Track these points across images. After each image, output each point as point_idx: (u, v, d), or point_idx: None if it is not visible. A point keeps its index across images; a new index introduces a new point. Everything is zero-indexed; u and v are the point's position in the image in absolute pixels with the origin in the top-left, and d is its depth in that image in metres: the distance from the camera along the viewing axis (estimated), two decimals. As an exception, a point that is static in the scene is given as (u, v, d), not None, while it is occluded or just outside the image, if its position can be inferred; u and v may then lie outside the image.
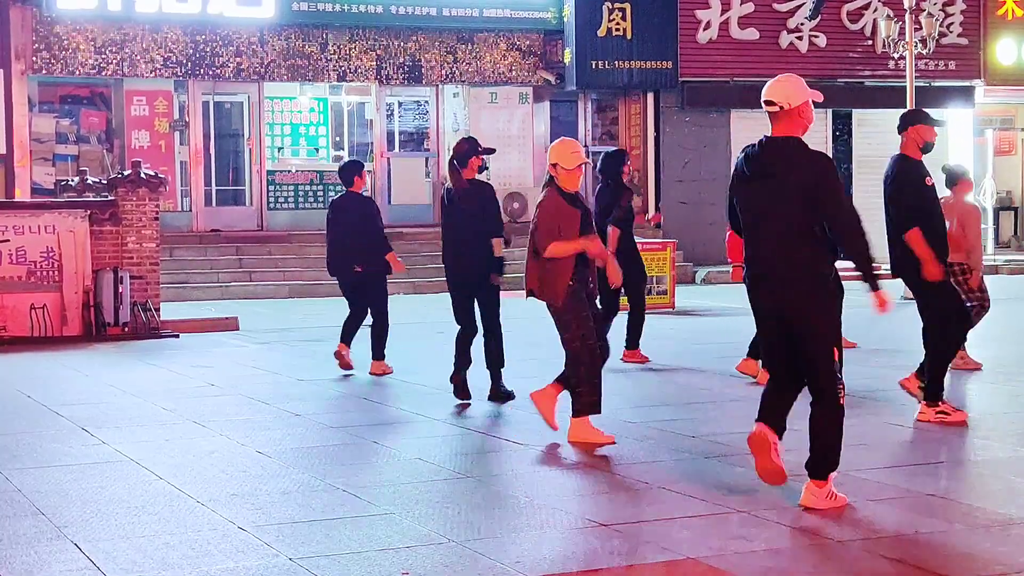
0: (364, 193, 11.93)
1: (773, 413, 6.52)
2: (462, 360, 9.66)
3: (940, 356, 8.56)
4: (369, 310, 11.52)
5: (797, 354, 6.36)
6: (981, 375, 10.67)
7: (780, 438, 6.52)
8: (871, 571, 5.28)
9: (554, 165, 8.01)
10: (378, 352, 11.34)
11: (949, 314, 8.57)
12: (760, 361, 10.38)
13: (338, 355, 11.45)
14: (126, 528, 6.03)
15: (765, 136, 6.35)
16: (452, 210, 9.57)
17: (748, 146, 6.43)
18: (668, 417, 8.87)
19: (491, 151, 9.90)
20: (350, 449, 8.04)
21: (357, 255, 11.29)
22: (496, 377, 9.59)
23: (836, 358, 6.21)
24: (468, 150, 9.56)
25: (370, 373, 11.26)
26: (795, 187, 6.14)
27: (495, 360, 9.58)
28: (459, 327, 9.71)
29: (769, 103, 6.27)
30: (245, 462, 7.58)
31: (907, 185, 8.54)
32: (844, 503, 6.32)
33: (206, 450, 7.95)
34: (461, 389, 9.62)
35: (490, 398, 9.56)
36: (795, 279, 6.22)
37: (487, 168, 11.31)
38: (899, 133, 8.74)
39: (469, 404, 9.50)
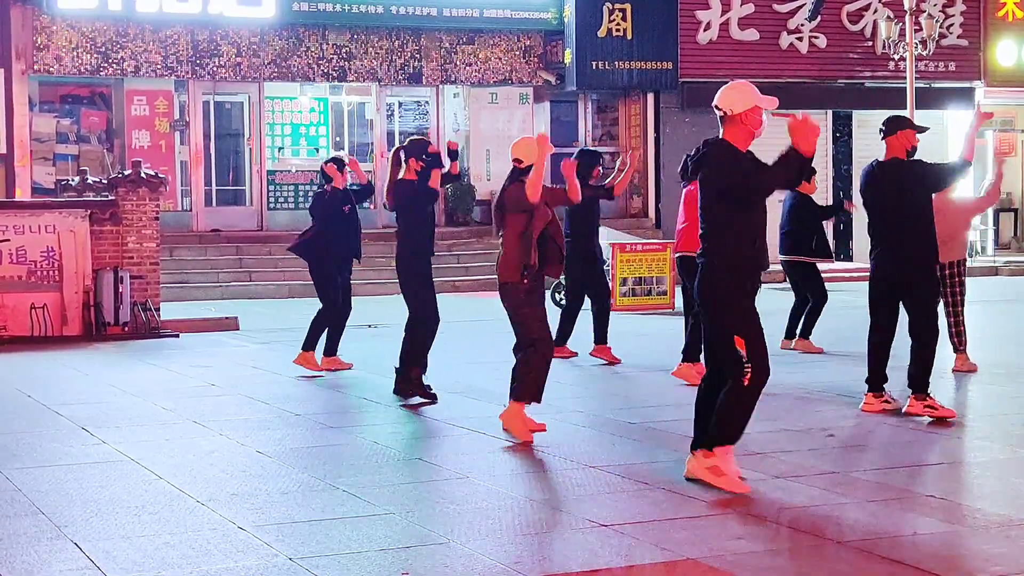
0: (350, 187, 11.88)
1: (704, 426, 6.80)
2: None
3: (929, 348, 8.64)
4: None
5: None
6: (981, 375, 10.67)
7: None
8: (871, 571, 5.28)
9: (518, 160, 8.19)
10: (309, 343, 11.34)
11: (934, 308, 8.70)
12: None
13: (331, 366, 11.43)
14: (126, 528, 6.04)
15: (708, 139, 6.78)
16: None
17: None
18: (668, 417, 8.88)
19: (439, 165, 10.03)
20: (350, 449, 8.04)
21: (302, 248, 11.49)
22: (399, 370, 9.73)
23: (740, 346, 6.48)
24: (417, 148, 9.86)
25: (294, 362, 11.32)
26: (704, 186, 6.65)
27: (402, 355, 9.73)
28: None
29: (717, 108, 6.70)
30: (245, 462, 7.59)
31: (915, 189, 8.58)
32: (736, 487, 6.48)
33: (206, 450, 7.95)
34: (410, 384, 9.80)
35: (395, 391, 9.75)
36: (703, 270, 6.67)
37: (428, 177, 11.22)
38: (885, 137, 8.76)
39: (434, 401, 9.59)
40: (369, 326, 15.19)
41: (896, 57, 24.21)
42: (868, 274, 8.99)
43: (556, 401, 9.10)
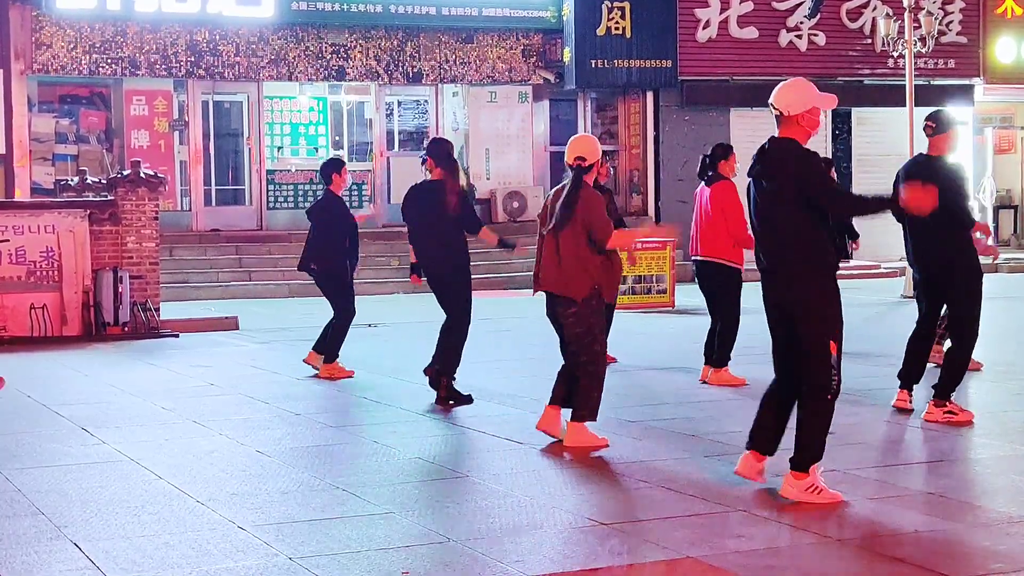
0: (344, 193, 11.53)
1: (763, 430, 6.62)
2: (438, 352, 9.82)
3: (961, 353, 8.59)
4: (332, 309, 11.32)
5: (794, 348, 6.45)
6: (981, 374, 10.66)
7: (772, 452, 6.62)
8: (871, 571, 5.28)
9: (582, 159, 7.87)
10: (332, 355, 11.12)
11: (975, 315, 8.61)
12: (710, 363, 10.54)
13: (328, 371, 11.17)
14: (126, 528, 6.03)
15: (770, 137, 6.55)
16: (429, 207, 9.67)
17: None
18: (668, 416, 8.87)
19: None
20: (350, 449, 8.04)
21: (314, 255, 11.17)
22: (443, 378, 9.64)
23: (833, 352, 6.30)
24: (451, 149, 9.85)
25: (320, 376, 11.04)
26: (786, 187, 6.36)
27: (443, 362, 9.62)
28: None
29: (773, 107, 6.48)
30: (245, 461, 7.58)
31: (963, 188, 8.59)
32: (836, 500, 6.30)
33: (206, 450, 7.95)
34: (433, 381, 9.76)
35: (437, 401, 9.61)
36: (793, 274, 6.40)
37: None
38: (936, 134, 8.59)
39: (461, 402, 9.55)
40: (369, 325, 15.19)
41: (895, 54, 24.18)
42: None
43: (556, 400, 9.09)
